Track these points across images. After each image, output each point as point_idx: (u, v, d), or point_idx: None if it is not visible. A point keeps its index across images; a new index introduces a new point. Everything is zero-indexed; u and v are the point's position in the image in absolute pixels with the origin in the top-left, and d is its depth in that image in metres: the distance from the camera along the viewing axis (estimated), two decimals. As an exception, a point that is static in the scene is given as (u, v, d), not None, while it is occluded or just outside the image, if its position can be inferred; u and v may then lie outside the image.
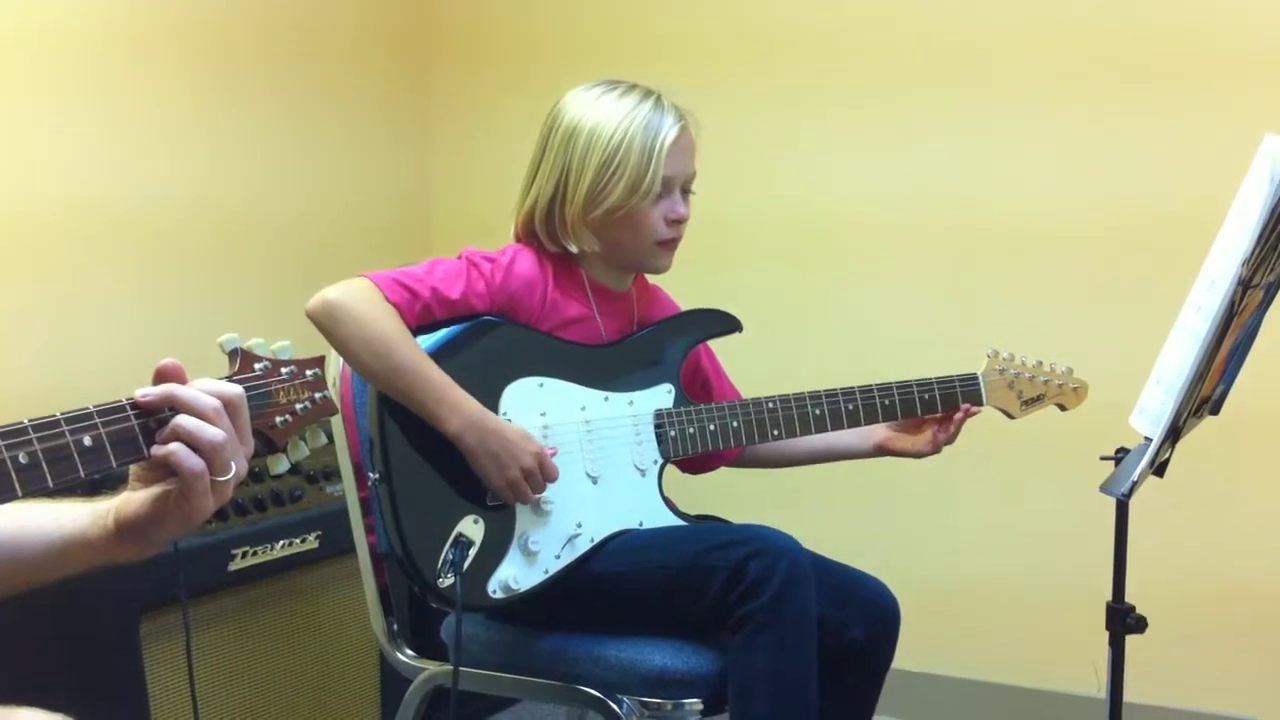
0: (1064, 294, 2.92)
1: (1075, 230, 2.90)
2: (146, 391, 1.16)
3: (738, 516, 2.03)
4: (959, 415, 2.08)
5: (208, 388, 1.18)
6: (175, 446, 1.15)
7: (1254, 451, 2.76)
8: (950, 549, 3.06)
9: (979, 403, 2.11)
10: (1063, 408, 2.20)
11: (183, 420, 1.15)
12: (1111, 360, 2.30)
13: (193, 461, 1.15)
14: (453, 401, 1.79)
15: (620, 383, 1.96)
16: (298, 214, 3.17)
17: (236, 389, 1.21)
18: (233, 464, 1.18)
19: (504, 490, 1.82)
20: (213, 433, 1.16)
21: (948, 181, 3.01)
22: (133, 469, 1.21)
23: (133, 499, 1.20)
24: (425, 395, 1.79)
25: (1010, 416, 2.17)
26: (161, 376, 1.18)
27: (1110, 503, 1.85)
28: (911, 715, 3.02)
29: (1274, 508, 2.77)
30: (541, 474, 1.83)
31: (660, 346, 2.01)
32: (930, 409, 2.08)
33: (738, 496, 2.36)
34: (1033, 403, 2.17)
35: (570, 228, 1.94)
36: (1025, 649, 3.01)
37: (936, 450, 2.10)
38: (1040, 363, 2.17)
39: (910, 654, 2.09)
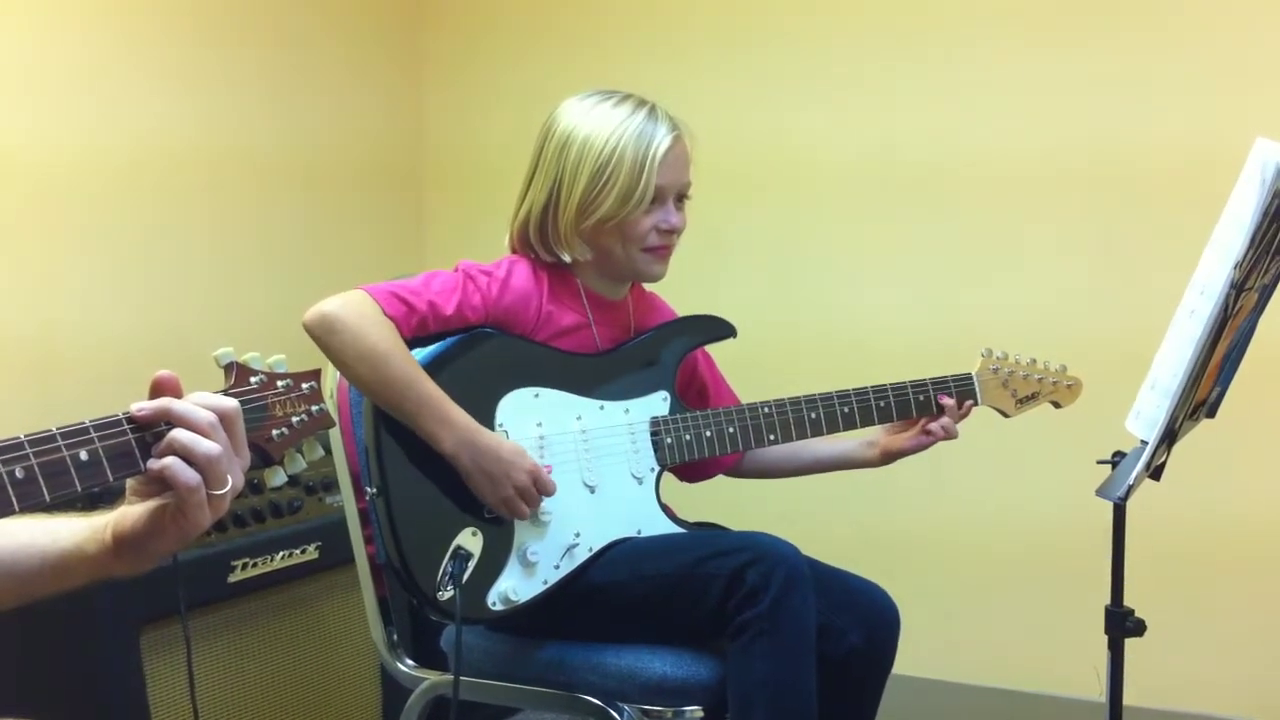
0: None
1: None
2: (142, 406, 1.16)
3: (737, 523, 2.03)
4: (955, 410, 2.09)
5: (204, 401, 1.19)
6: (170, 460, 1.15)
7: (1252, 454, 2.76)
8: (949, 553, 3.06)
9: (974, 402, 2.12)
10: (1057, 405, 2.20)
11: (178, 434, 1.15)
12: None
13: (188, 475, 1.15)
14: (447, 418, 1.79)
15: (616, 391, 1.97)
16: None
17: (232, 403, 1.21)
18: (229, 477, 1.18)
19: (498, 507, 1.83)
20: (208, 446, 1.16)
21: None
22: (129, 483, 1.21)
23: (130, 513, 1.21)
24: (419, 411, 1.79)
25: (1005, 415, 2.17)
26: (157, 389, 1.18)
27: (1108, 506, 1.86)
28: (912, 721, 3.02)
29: (1273, 509, 2.77)
30: (537, 489, 1.83)
31: (655, 354, 2.01)
32: (926, 410, 2.08)
33: (737, 503, 2.35)
34: (1027, 401, 2.17)
35: (563, 237, 1.94)
36: (1027, 653, 3.01)
37: (936, 439, 2.08)
38: (1034, 360, 2.17)
39: (910, 659, 2.09)
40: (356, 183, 3.38)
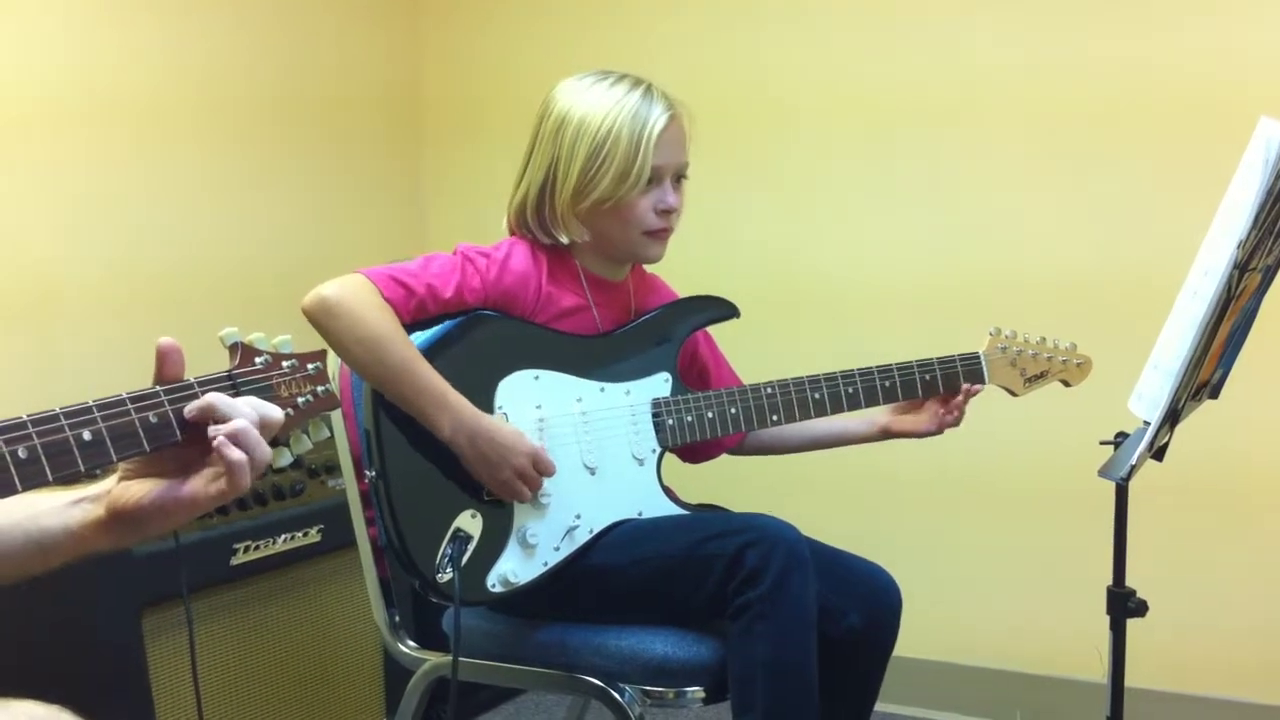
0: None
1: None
2: (193, 406, 1.20)
3: (738, 505, 2.03)
4: (959, 398, 2.08)
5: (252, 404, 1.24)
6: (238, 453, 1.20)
7: (1258, 434, 2.76)
8: (951, 535, 3.06)
9: (981, 381, 2.11)
10: (1067, 384, 2.19)
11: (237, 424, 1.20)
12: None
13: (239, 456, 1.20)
14: (445, 404, 1.79)
15: (616, 373, 1.96)
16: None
17: (278, 413, 1.26)
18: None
19: (497, 491, 1.83)
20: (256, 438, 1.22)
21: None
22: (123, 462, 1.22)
23: (133, 490, 1.21)
24: (417, 396, 1.79)
25: (1013, 394, 2.16)
26: (163, 357, 1.20)
27: (1110, 486, 1.86)
28: (914, 702, 3.03)
29: (1277, 491, 2.77)
30: (537, 472, 1.83)
31: (656, 335, 2.01)
32: (931, 390, 2.08)
33: (738, 484, 2.36)
34: (1036, 380, 2.16)
35: (560, 218, 1.94)
36: (1028, 634, 3.02)
37: (940, 430, 2.10)
38: (1043, 339, 2.16)
39: (911, 641, 2.09)
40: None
